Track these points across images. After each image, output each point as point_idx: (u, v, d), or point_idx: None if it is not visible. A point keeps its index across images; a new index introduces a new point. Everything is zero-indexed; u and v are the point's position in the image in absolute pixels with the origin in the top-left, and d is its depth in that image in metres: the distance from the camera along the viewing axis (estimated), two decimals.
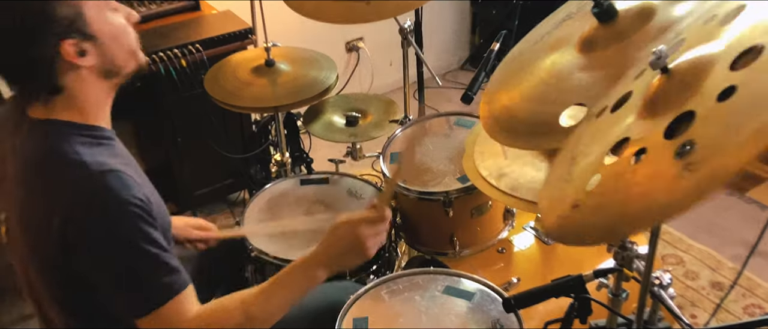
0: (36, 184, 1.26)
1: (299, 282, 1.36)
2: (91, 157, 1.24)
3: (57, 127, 1.28)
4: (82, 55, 1.24)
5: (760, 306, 2.50)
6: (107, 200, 1.20)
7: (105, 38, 1.27)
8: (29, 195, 1.27)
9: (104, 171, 1.22)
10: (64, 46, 1.22)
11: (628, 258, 1.35)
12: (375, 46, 3.79)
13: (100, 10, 1.27)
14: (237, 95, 2.19)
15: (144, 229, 1.22)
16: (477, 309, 1.55)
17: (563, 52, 1.39)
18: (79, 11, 1.23)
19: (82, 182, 1.22)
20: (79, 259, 1.23)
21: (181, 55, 2.56)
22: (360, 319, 1.54)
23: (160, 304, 1.24)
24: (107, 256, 1.23)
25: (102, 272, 1.25)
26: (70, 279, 1.28)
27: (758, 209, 2.93)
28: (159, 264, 1.24)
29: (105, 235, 1.21)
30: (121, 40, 1.31)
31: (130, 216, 1.21)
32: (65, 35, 1.22)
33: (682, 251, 2.77)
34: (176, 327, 1.25)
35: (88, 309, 1.36)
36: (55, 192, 1.23)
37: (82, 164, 1.23)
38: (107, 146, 1.32)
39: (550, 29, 1.50)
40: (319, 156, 2.94)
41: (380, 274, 1.89)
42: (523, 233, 2.05)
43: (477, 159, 1.78)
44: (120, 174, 1.23)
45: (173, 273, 1.26)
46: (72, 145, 1.25)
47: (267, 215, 1.96)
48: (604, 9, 1.32)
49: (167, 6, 2.82)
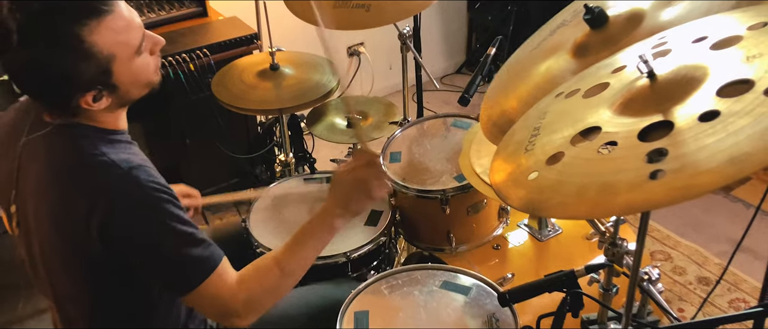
0: (69, 186, 1.25)
1: (320, 235, 1.41)
2: (117, 156, 1.26)
3: (81, 130, 1.28)
4: (98, 100, 1.24)
5: (744, 300, 2.50)
6: (142, 194, 1.23)
7: (125, 85, 1.27)
8: (63, 197, 1.26)
9: (132, 167, 1.24)
10: (84, 97, 1.23)
11: (618, 254, 1.35)
12: (375, 51, 3.79)
13: (128, 61, 1.25)
14: (243, 97, 2.19)
15: (177, 213, 1.26)
16: (473, 304, 1.55)
17: (558, 58, 1.39)
18: (107, 68, 1.22)
19: (117, 181, 1.23)
20: (124, 252, 1.25)
21: (189, 59, 2.57)
22: (361, 313, 1.54)
23: (205, 277, 1.27)
24: (153, 244, 1.25)
25: (149, 259, 1.27)
26: (107, 274, 1.30)
27: (743, 208, 2.93)
28: (197, 241, 1.27)
29: (147, 226, 1.24)
30: (140, 81, 1.30)
31: (164, 203, 1.24)
32: (88, 89, 1.22)
33: (670, 247, 2.77)
34: (222, 294, 1.29)
35: (114, 306, 1.37)
36: (92, 193, 1.23)
37: (112, 163, 1.24)
38: (127, 145, 1.33)
39: (546, 36, 1.50)
40: (322, 156, 2.94)
41: (380, 270, 1.89)
42: (518, 231, 2.05)
43: (473, 157, 1.78)
44: (146, 168, 1.26)
45: (210, 246, 1.29)
46: (98, 147, 1.26)
47: (272, 213, 1.95)
48: (596, 15, 1.32)
49: (176, 12, 2.83)
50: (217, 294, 1.29)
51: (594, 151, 0.94)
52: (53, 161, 1.28)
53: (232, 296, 1.30)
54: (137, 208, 1.23)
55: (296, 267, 1.39)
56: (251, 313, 1.34)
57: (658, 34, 1.15)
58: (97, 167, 1.25)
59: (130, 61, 1.25)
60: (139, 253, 1.26)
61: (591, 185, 0.88)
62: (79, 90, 1.22)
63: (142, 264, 1.28)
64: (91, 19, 1.17)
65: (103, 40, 1.19)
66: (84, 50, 1.17)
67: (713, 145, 0.80)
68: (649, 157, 0.85)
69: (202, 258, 1.27)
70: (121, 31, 1.21)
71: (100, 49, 1.19)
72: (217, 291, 1.29)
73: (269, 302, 1.37)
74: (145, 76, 1.31)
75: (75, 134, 1.28)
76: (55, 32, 1.16)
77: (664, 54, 1.04)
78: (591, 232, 2.00)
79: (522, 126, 1.17)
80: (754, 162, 0.76)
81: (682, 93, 0.92)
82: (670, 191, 0.79)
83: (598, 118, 1.00)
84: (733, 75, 0.89)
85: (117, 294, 1.35)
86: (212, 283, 1.28)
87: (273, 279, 1.36)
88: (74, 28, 1.16)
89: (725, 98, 0.87)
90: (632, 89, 1.00)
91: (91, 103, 1.24)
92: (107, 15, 1.19)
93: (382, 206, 1.93)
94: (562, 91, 1.17)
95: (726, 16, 1.08)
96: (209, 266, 1.28)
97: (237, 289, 1.31)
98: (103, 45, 1.19)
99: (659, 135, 0.87)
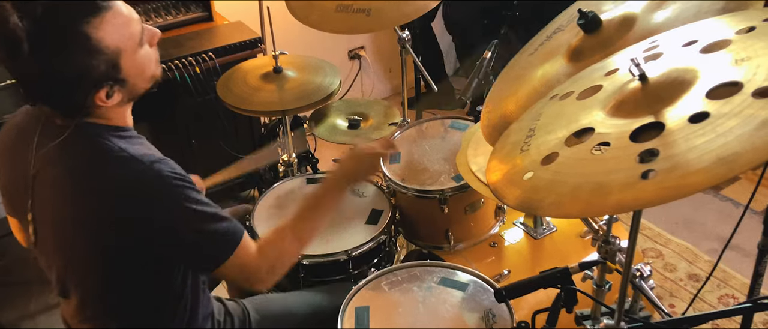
0: (93, 185, 1.25)
1: (331, 204, 1.53)
2: (136, 151, 1.27)
3: (95, 129, 1.28)
4: (110, 96, 1.25)
5: (733, 296, 2.50)
6: (167, 184, 1.25)
7: (132, 78, 1.27)
8: (86, 197, 1.25)
9: (153, 162, 1.26)
10: (98, 94, 1.23)
11: (611, 252, 1.35)
12: (375, 54, 3.78)
13: (133, 54, 1.25)
14: (247, 99, 2.19)
15: (198, 197, 1.29)
16: (470, 299, 1.55)
17: (553, 62, 1.39)
18: (116, 63, 1.22)
19: (141, 176, 1.24)
20: (158, 241, 1.27)
21: (195, 62, 2.56)
22: (362, 308, 1.54)
23: (234, 248, 1.32)
24: (185, 228, 1.28)
25: (185, 243, 1.30)
26: (136, 268, 1.31)
27: (732, 207, 2.93)
28: (220, 218, 1.31)
29: (178, 212, 1.26)
30: (145, 73, 1.30)
31: (186, 190, 1.27)
32: (100, 85, 1.22)
33: (661, 245, 2.77)
34: (249, 263, 1.36)
35: (139, 304, 1.38)
36: (119, 189, 1.24)
37: (133, 158, 1.25)
38: (138, 139, 1.34)
39: (543, 41, 1.50)
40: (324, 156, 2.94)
41: (380, 267, 1.89)
42: (514, 229, 2.05)
43: (470, 156, 1.78)
44: (166, 161, 1.29)
45: (231, 221, 1.34)
46: (115, 143, 1.27)
47: (275, 211, 1.95)
48: (589, 20, 1.32)
49: (183, 17, 2.83)
50: (244, 262, 1.35)
51: (587, 151, 0.94)
52: (73, 164, 1.27)
53: (257, 264, 1.37)
54: (165, 198, 1.26)
55: (309, 233, 1.48)
56: (273, 278, 1.41)
57: (649, 38, 1.16)
58: (120, 164, 1.25)
59: (135, 53, 1.25)
60: (173, 238, 1.28)
61: (585, 184, 0.88)
62: (92, 88, 1.21)
63: (177, 249, 1.31)
64: (94, 17, 1.17)
65: (109, 36, 1.19)
66: (92, 47, 1.17)
67: (703, 145, 0.80)
68: (641, 157, 0.85)
69: (229, 231, 1.32)
70: (123, 25, 1.22)
71: (107, 44, 1.19)
72: (243, 260, 1.34)
73: (287, 266, 1.44)
74: (149, 68, 1.31)
75: (90, 133, 1.27)
76: (63, 34, 1.16)
77: (655, 57, 1.05)
78: (585, 230, 2.00)
79: (518, 127, 1.17)
80: (743, 162, 0.76)
81: (672, 95, 0.93)
82: (661, 190, 0.79)
83: (591, 119, 1.00)
84: (722, 78, 0.89)
85: (142, 290, 1.36)
86: (240, 254, 1.33)
87: (287, 243, 1.44)
88: (80, 27, 1.16)
89: (714, 100, 0.87)
90: (624, 92, 1.00)
91: (105, 99, 1.24)
92: (108, 11, 1.19)
93: (382, 206, 1.93)
94: (557, 93, 1.17)
95: (715, 20, 1.08)
96: (236, 239, 1.33)
97: (259, 257, 1.38)
98: (109, 40, 1.19)
99: (651, 136, 0.88)
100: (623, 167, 0.85)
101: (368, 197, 1.99)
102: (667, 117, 0.89)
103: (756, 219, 1.97)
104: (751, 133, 0.78)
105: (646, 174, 0.81)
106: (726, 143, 0.78)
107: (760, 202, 2.82)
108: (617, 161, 0.88)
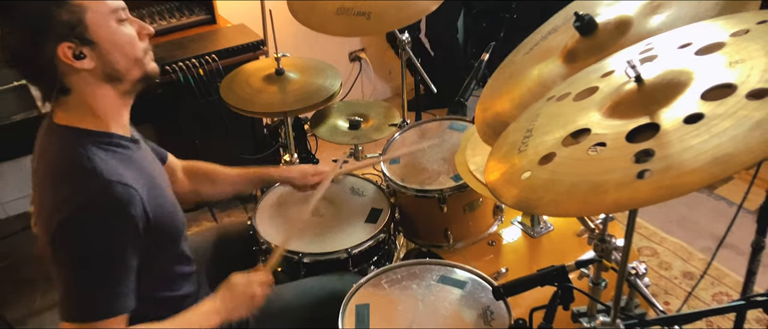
0: (51, 184, 1.24)
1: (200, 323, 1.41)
2: (104, 164, 1.23)
3: (75, 133, 1.27)
4: (80, 58, 1.22)
5: (727, 293, 2.49)
6: (105, 208, 1.20)
7: (105, 44, 1.24)
8: (45, 193, 1.25)
9: (113, 181, 1.21)
10: (61, 48, 1.20)
11: (607, 250, 1.35)
12: (376, 56, 3.78)
13: (103, 19, 1.24)
14: (250, 101, 2.19)
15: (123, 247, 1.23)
16: (469, 297, 1.55)
17: (548, 63, 1.39)
18: (80, 18, 1.21)
19: (88, 187, 1.20)
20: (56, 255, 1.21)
21: (198, 64, 2.57)
22: (362, 306, 1.54)
23: (97, 319, 1.22)
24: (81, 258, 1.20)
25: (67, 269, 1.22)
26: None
27: (726, 206, 2.93)
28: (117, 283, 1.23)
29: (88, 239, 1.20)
30: (124, 49, 1.27)
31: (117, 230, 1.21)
32: (63, 39, 1.20)
33: (656, 243, 2.77)
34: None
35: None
36: (63, 193, 1.21)
37: (93, 170, 1.21)
38: (121, 154, 1.30)
39: (538, 41, 1.50)
40: (325, 157, 2.94)
41: (380, 265, 1.89)
42: (512, 227, 2.05)
43: (468, 156, 1.78)
44: (127, 188, 1.22)
45: (121, 297, 1.24)
46: (87, 150, 1.24)
47: (276, 211, 1.95)
48: (585, 23, 1.32)
49: (186, 20, 2.83)
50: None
51: (584, 152, 0.94)
52: (46, 160, 1.28)
53: None
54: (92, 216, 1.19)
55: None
56: None
57: (645, 40, 1.15)
58: (77, 170, 1.22)
59: (107, 19, 1.24)
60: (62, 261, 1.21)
61: (581, 184, 0.88)
62: (56, 38, 1.20)
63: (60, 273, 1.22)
64: None
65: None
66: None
67: (698, 146, 0.80)
68: (637, 157, 0.85)
69: (110, 300, 1.23)
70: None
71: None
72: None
73: None
74: (130, 49, 1.28)
75: (68, 135, 1.27)
76: None
77: (651, 59, 1.04)
78: (581, 229, 2.00)
79: (515, 128, 1.17)
80: (737, 162, 0.76)
81: (668, 97, 0.92)
82: (657, 189, 0.79)
83: (588, 120, 1.00)
84: (717, 79, 0.89)
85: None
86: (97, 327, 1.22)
87: None
88: None
89: (709, 101, 0.87)
90: (620, 93, 1.00)
91: (71, 58, 1.22)
92: None
93: (381, 205, 1.93)
94: (554, 94, 1.17)
95: (710, 23, 1.08)
96: (108, 312, 1.23)
97: None
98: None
99: (646, 137, 0.88)
100: (619, 167, 0.85)
101: (368, 196, 1.99)
102: (662, 118, 0.89)
103: (749, 218, 1.98)
104: (745, 134, 0.78)
105: (641, 174, 0.81)
106: (720, 143, 0.78)
107: (754, 201, 2.80)
108: (613, 161, 0.87)
